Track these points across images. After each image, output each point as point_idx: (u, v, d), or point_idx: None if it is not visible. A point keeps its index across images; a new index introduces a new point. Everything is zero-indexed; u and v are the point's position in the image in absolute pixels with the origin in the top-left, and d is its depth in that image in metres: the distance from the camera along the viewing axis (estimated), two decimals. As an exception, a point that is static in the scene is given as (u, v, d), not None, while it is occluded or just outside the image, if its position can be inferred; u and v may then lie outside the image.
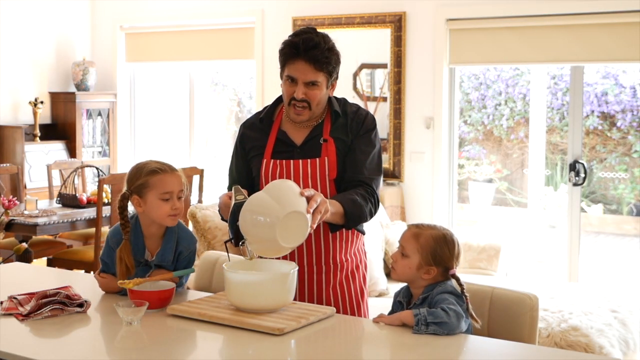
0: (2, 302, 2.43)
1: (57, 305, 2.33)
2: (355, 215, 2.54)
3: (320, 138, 2.66)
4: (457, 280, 2.33)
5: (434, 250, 2.32)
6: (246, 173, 2.76)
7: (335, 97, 2.73)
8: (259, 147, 2.71)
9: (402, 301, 2.41)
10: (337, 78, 2.67)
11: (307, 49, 2.53)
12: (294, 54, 2.55)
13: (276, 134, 2.71)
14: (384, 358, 2.04)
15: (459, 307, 2.23)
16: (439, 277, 2.33)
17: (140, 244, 2.61)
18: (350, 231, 2.68)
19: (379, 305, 3.23)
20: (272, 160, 2.67)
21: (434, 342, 2.11)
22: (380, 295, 4.57)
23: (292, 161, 2.64)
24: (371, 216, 2.63)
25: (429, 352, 2.06)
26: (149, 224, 2.61)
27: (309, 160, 2.64)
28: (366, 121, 2.69)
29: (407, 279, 2.37)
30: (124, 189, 2.60)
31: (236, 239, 2.40)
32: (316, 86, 2.58)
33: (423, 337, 2.14)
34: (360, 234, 2.75)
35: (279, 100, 2.77)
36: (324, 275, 2.65)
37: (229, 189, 2.71)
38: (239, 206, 2.34)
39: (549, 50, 5.57)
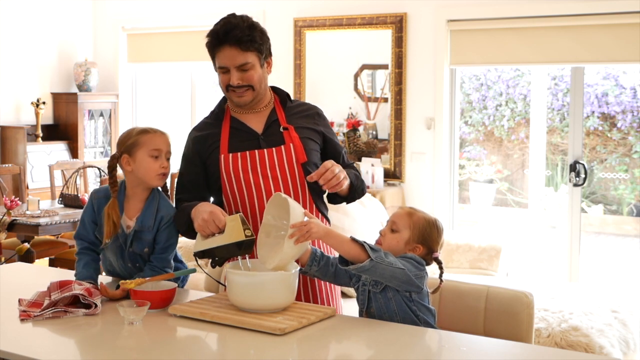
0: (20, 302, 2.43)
1: (60, 308, 2.34)
2: (359, 188, 2.67)
3: (279, 126, 2.64)
4: (439, 264, 2.40)
5: (424, 229, 2.39)
6: (203, 181, 2.67)
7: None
8: (216, 142, 2.64)
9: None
10: (270, 55, 2.64)
11: (227, 32, 2.50)
12: (217, 42, 2.52)
13: (229, 125, 2.65)
14: (384, 358, 2.05)
15: (413, 269, 2.28)
16: (424, 257, 2.38)
17: (120, 209, 2.64)
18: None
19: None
20: (230, 154, 2.59)
21: (433, 342, 2.12)
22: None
23: (256, 151, 2.59)
24: (363, 194, 2.74)
25: (429, 352, 2.07)
26: (134, 185, 2.64)
27: (274, 149, 2.60)
28: (320, 112, 2.76)
29: (392, 253, 2.37)
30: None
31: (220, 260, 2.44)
32: (249, 68, 2.55)
33: (423, 336, 2.16)
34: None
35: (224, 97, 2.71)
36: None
37: (178, 201, 2.65)
38: (251, 242, 2.36)
39: (550, 51, 5.58)
